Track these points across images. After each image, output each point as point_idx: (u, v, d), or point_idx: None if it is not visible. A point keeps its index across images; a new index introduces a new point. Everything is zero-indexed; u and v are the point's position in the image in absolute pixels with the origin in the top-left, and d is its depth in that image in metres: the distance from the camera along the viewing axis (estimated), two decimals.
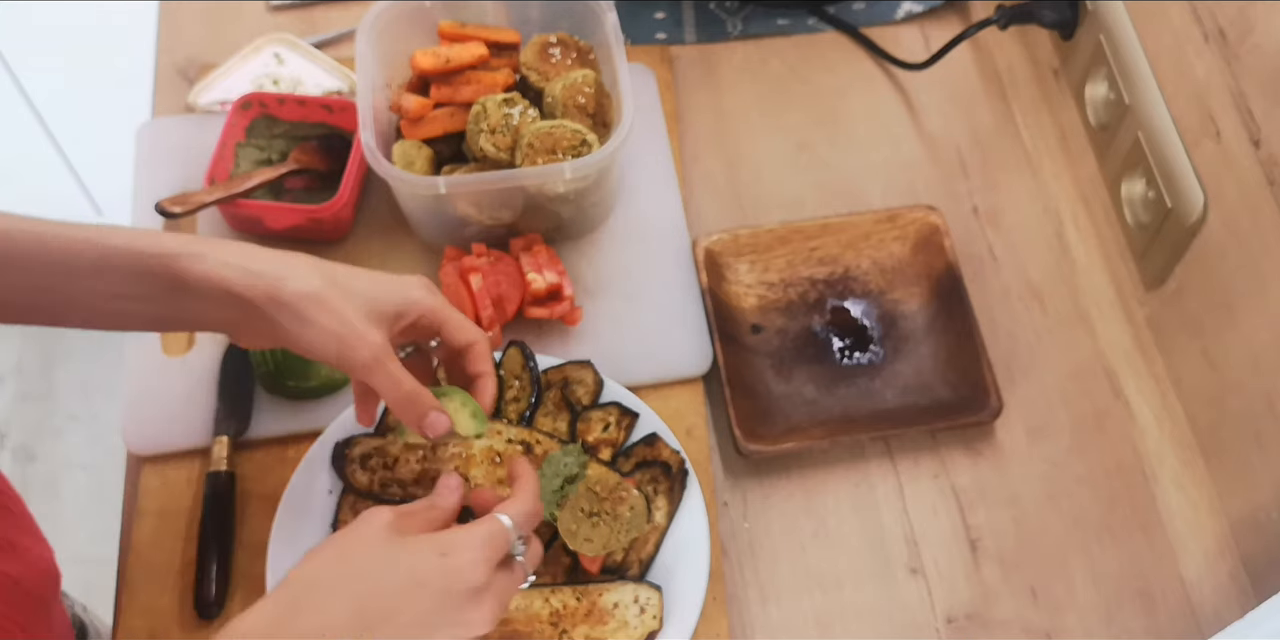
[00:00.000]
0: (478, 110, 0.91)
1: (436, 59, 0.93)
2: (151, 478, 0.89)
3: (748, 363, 0.93)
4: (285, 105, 0.99)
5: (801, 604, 0.85)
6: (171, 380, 0.91)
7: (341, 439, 0.85)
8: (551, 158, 0.88)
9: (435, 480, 0.82)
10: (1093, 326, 0.96)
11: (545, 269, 0.91)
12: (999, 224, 1.01)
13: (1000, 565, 0.86)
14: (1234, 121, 0.79)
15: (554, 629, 0.78)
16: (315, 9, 1.13)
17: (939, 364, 0.93)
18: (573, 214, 0.95)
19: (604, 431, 0.85)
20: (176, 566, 0.85)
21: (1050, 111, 1.07)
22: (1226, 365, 0.85)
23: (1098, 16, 0.96)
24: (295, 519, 0.83)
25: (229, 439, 0.88)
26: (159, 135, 1.03)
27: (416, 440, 0.74)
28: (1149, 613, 0.85)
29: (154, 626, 0.83)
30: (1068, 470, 0.90)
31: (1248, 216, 0.79)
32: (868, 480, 0.90)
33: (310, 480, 0.84)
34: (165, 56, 1.10)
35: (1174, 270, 0.89)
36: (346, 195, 0.94)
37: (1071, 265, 0.99)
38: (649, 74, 1.06)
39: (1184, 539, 0.87)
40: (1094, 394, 0.93)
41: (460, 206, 0.92)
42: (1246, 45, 0.78)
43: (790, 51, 1.11)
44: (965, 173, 1.04)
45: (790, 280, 0.97)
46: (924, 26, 1.12)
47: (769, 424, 0.90)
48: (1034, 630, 0.84)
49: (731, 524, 0.88)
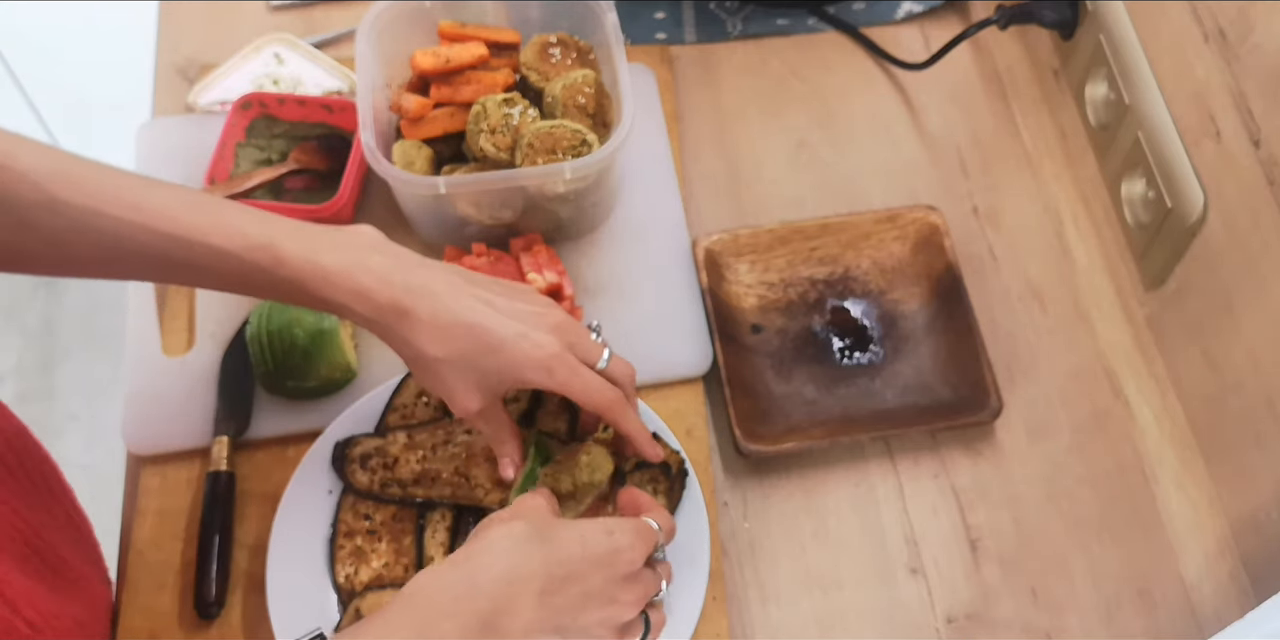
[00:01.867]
0: (478, 110, 0.91)
1: (436, 59, 0.93)
2: (151, 478, 0.89)
3: (748, 363, 0.93)
4: (285, 105, 0.99)
5: (801, 604, 0.85)
6: (171, 380, 0.91)
7: (341, 439, 0.85)
8: (551, 158, 0.88)
9: (435, 480, 0.82)
10: (1093, 326, 0.96)
11: (545, 269, 0.92)
12: (999, 224, 1.01)
13: (1000, 565, 0.86)
14: (1234, 121, 0.79)
15: None
16: (315, 9, 1.13)
17: (939, 364, 0.93)
18: (573, 214, 0.95)
19: (604, 431, 0.85)
20: (176, 566, 0.85)
21: (1050, 111, 1.07)
22: (1226, 365, 0.85)
23: (1098, 16, 0.96)
24: (295, 519, 0.83)
25: (229, 439, 0.88)
26: (159, 135, 1.03)
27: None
28: (1149, 613, 0.85)
29: (154, 626, 0.83)
30: (1068, 470, 0.90)
31: (1248, 216, 0.79)
32: (868, 480, 0.90)
33: (310, 480, 0.84)
34: (165, 56, 1.10)
35: (1174, 270, 0.89)
36: (346, 195, 0.94)
37: (1071, 265, 0.99)
38: (649, 74, 1.06)
39: (1184, 539, 0.87)
40: (1094, 394, 0.93)
41: (460, 206, 0.92)
42: (1246, 45, 0.78)
43: (790, 51, 1.11)
44: (965, 173, 1.04)
45: (790, 280, 0.97)
46: (924, 26, 1.12)
47: (769, 424, 0.90)
48: (1034, 630, 0.84)
49: (731, 524, 0.88)
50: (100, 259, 0.70)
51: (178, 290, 0.96)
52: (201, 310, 0.94)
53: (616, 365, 0.75)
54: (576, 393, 0.72)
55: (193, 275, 0.72)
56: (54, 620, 0.72)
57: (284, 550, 0.82)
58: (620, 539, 0.66)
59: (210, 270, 0.69)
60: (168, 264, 0.69)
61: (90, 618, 0.79)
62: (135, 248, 0.68)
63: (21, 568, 0.73)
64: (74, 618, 0.76)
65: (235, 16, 1.12)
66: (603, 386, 0.73)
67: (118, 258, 0.69)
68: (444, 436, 0.84)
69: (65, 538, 0.82)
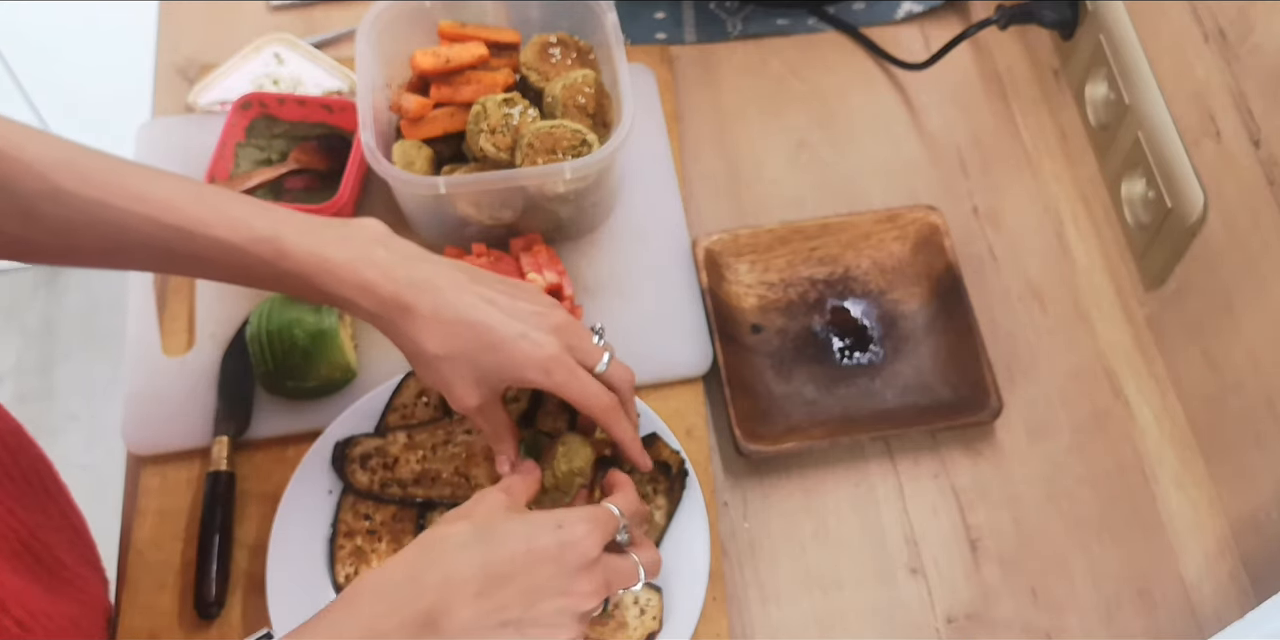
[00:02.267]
0: (478, 110, 0.91)
1: (436, 59, 0.93)
2: (151, 478, 0.88)
3: (748, 363, 0.93)
4: (285, 105, 0.99)
5: (801, 604, 0.85)
6: (171, 380, 0.91)
7: (341, 439, 0.85)
8: (551, 158, 0.88)
9: (435, 480, 0.82)
10: (1093, 326, 0.96)
11: (545, 269, 0.92)
12: (999, 224, 1.01)
13: (1000, 565, 0.86)
14: (1234, 121, 0.79)
15: None
16: (315, 9, 1.13)
17: (939, 364, 0.93)
18: (573, 214, 0.95)
19: (601, 432, 0.85)
20: (176, 566, 0.85)
21: (1050, 111, 1.07)
22: (1226, 365, 0.85)
23: (1098, 16, 0.96)
24: (295, 519, 0.83)
25: (229, 439, 0.88)
26: (159, 135, 1.03)
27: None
28: (1149, 613, 0.85)
29: (154, 626, 0.83)
30: (1068, 470, 0.90)
31: (1248, 216, 0.79)
32: (868, 480, 0.90)
33: (310, 480, 0.84)
34: (165, 56, 1.10)
35: (1174, 270, 0.89)
36: (346, 195, 0.94)
37: (1071, 265, 0.99)
38: (649, 74, 1.06)
39: (1184, 539, 0.87)
40: (1094, 394, 0.93)
41: (460, 206, 0.92)
42: (1246, 45, 0.78)
43: (790, 51, 1.11)
44: (965, 173, 1.04)
45: (790, 280, 0.97)
46: (924, 26, 1.12)
47: (769, 424, 0.90)
48: (1034, 630, 0.84)
49: (731, 524, 0.88)
50: (104, 249, 0.70)
51: (178, 290, 0.96)
52: (201, 310, 0.94)
53: (615, 370, 0.75)
54: (572, 395, 0.72)
55: (196, 266, 0.72)
56: (45, 620, 0.72)
57: (284, 550, 0.82)
58: (569, 532, 0.66)
59: (214, 262, 0.70)
60: (171, 255, 0.70)
61: (85, 617, 0.79)
62: (140, 238, 0.69)
63: (13, 566, 0.73)
64: (68, 617, 0.76)
65: (235, 16, 1.12)
66: (599, 392, 0.73)
67: (121, 248, 0.70)
68: (444, 436, 0.84)
69: (61, 538, 0.82)
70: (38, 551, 0.77)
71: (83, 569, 0.82)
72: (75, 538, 0.85)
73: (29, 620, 0.70)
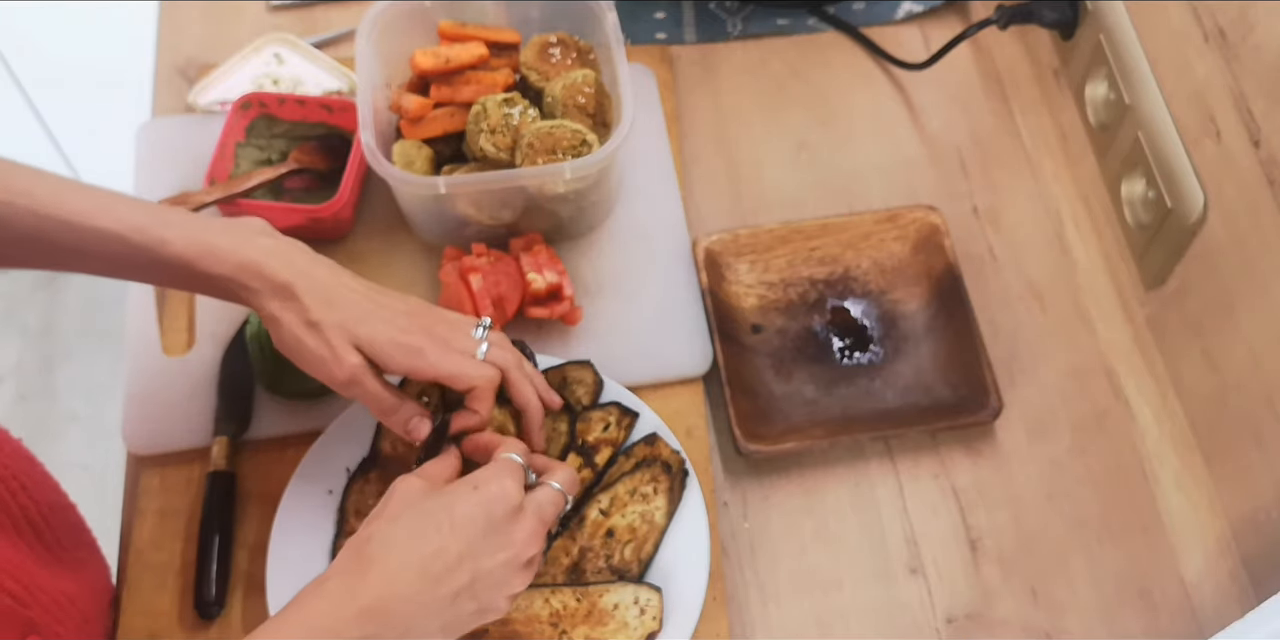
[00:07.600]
0: (478, 110, 0.91)
1: (436, 59, 0.93)
2: (151, 478, 0.89)
3: (748, 363, 0.93)
4: (285, 105, 0.99)
5: (801, 604, 0.85)
6: (171, 380, 0.91)
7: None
8: (551, 158, 0.88)
9: None
10: (1093, 326, 0.96)
11: (545, 269, 0.91)
12: (999, 224, 1.01)
13: (1000, 565, 0.86)
14: (1234, 121, 0.79)
15: (554, 630, 0.78)
16: (315, 9, 1.13)
17: (939, 364, 0.93)
18: (573, 214, 0.95)
19: (604, 431, 0.85)
20: (176, 566, 0.85)
21: (1050, 111, 1.07)
22: (1226, 365, 0.85)
23: (1098, 16, 0.96)
24: (295, 519, 0.83)
25: (229, 439, 0.88)
26: (159, 135, 1.03)
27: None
28: (1149, 613, 0.85)
29: (154, 626, 0.83)
30: (1068, 470, 0.90)
31: (1248, 216, 0.79)
32: (868, 480, 0.90)
33: (310, 480, 0.84)
34: (165, 56, 1.10)
35: (1174, 270, 0.89)
36: (346, 195, 0.94)
37: (1071, 265, 0.99)
38: (649, 74, 1.06)
39: (1184, 539, 0.87)
40: (1094, 394, 0.93)
41: (460, 206, 0.92)
42: (1246, 45, 0.78)
43: (790, 51, 1.11)
44: (965, 173, 1.04)
45: (790, 280, 0.97)
46: (924, 26, 1.12)
47: (769, 424, 0.90)
48: (1034, 630, 0.84)
49: (731, 524, 0.88)
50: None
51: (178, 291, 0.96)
52: (202, 310, 0.94)
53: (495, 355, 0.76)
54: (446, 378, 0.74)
55: (78, 259, 0.73)
56: (41, 594, 0.73)
57: (284, 550, 0.82)
58: (487, 488, 0.68)
59: (95, 254, 0.71)
60: (53, 248, 0.71)
61: (83, 596, 0.79)
62: (21, 232, 0.69)
63: (11, 541, 0.74)
64: (65, 594, 0.76)
65: (235, 16, 1.12)
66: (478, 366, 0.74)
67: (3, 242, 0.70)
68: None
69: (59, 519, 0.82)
70: (37, 525, 0.78)
71: (81, 552, 0.82)
72: (72, 521, 0.85)
73: (24, 594, 0.71)
